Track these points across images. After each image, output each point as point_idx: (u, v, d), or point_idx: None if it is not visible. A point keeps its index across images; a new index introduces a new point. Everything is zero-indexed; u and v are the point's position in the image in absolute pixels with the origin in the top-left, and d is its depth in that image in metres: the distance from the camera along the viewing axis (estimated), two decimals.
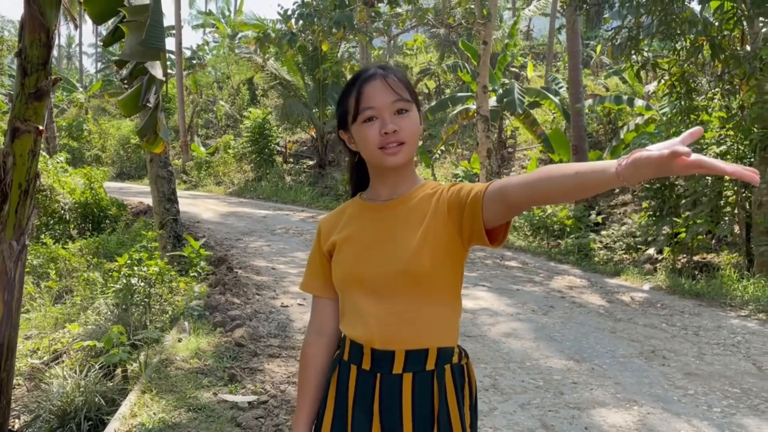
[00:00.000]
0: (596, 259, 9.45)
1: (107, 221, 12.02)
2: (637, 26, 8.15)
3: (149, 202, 10.59)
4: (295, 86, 19.86)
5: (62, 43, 57.90)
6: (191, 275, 6.91)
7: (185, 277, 6.76)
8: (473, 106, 13.49)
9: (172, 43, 23.19)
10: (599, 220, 10.95)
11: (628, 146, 12.24)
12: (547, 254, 9.89)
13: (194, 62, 29.15)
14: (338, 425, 1.52)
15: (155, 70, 2.71)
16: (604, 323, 5.88)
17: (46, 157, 12.20)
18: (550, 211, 10.91)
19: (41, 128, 2.86)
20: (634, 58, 8.44)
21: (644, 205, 9.73)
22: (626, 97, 13.51)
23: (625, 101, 13.08)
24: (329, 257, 1.59)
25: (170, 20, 24.93)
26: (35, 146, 2.85)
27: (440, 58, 23.55)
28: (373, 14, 13.19)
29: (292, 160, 21.38)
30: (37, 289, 7.57)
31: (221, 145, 22.17)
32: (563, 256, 9.66)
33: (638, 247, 9.72)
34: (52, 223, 11.42)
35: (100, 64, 44.70)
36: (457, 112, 15.06)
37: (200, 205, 14.92)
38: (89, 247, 9.37)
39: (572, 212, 10.83)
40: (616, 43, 8.55)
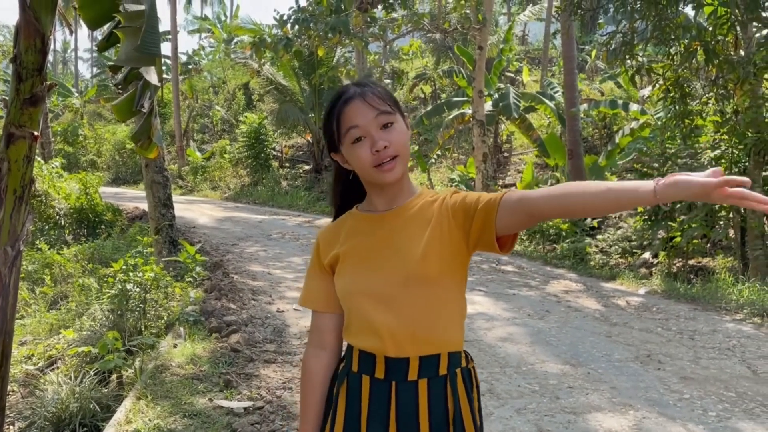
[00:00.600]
0: (592, 263, 9.46)
1: (102, 226, 11.98)
2: (631, 31, 8.18)
3: (145, 207, 10.57)
4: (291, 91, 19.87)
5: (58, 48, 57.88)
6: (187, 280, 6.89)
7: (181, 282, 6.73)
8: (469, 110, 13.52)
9: (167, 48, 23.12)
10: (595, 224, 10.96)
11: (623, 150, 12.30)
12: (542, 258, 9.90)
13: (190, 67, 29.17)
14: None
15: (150, 75, 2.70)
16: (599, 327, 5.89)
17: (41, 162, 12.16)
18: None
19: (36, 134, 2.86)
20: (628, 62, 8.48)
21: (639, 209, 9.76)
22: (621, 101, 13.58)
23: (620, 106, 13.15)
24: (330, 271, 1.59)
25: (166, 25, 24.94)
26: (30, 152, 2.84)
27: (436, 63, 23.60)
28: (368, 19, 13.22)
29: (288, 164, 21.38)
30: (32, 294, 7.53)
31: (217, 149, 22.14)
32: (559, 260, 9.67)
33: (634, 251, 9.74)
34: (47, 228, 11.39)
35: (95, 69, 44.75)
36: (452, 116, 15.09)
37: (196, 210, 14.90)
38: (84, 252, 9.33)
39: None
40: (610, 48, 8.60)
